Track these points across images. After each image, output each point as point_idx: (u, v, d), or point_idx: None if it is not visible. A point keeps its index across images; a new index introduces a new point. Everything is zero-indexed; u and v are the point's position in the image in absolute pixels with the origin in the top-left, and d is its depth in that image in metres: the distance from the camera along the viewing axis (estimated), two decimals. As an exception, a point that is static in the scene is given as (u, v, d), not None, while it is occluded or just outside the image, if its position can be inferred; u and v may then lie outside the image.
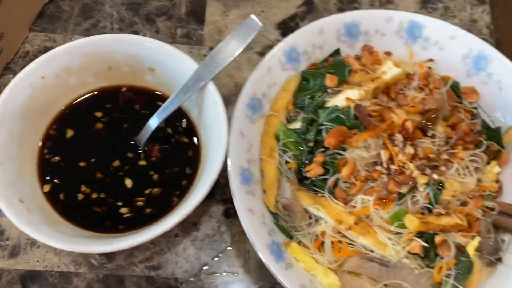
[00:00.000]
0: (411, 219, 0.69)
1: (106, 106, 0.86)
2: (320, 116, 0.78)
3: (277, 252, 0.71)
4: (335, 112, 0.77)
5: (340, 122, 0.77)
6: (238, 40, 0.77)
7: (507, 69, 0.85)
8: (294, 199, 0.76)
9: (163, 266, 0.84)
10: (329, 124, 0.77)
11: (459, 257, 0.71)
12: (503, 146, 0.84)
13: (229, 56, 0.77)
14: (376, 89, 0.80)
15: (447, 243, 0.70)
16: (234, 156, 0.73)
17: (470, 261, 0.71)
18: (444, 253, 0.70)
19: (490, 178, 0.81)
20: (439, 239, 0.70)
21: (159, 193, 0.80)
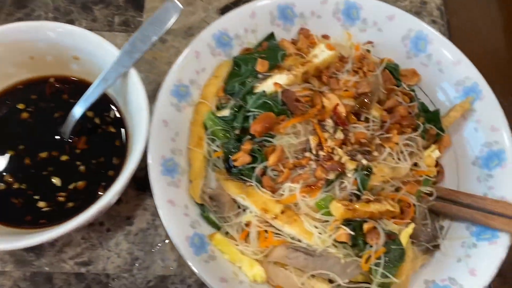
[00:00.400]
0: (336, 206, 0.66)
1: (31, 97, 0.82)
2: (248, 102, 0.75)
3: (199, 245, 0.68)
4: (262, 98, 0.74)
5: (268, 108, 0.73)
6: (157, 24, 0.74)
7: (447, 49, 0.83)
8: (221, 189, 0.73)
9: (94, 262, 0.81)
10: (257, 111, 0.74)
11: (390, 245, 0.68)
12: (443, 130, 0.81)
13: (148, 42, 0.74)
14: (306, 73, 0.77)
15: (376, 231, 0.68)
16: (155, 146, 0.70)
17: (402, 249, 0.68)
18: (373, 240, 0.67)
19: (428, 163, 0.78)
20: (367, 226, 0.67)
21: (84, 186, 0.77)
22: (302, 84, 0.77)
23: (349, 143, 0.73)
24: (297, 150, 0.74)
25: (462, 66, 0.81)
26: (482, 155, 0.78)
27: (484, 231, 0.72)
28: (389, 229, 0.70)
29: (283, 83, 0.75)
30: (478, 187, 0.77)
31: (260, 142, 0.74)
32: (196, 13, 1.03)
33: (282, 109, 0.74)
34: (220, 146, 0.76)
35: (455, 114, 0.82)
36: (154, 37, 0.74)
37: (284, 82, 0.76)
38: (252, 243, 0.70)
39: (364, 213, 0.68)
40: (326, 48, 0.79)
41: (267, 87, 0.76)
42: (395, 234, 0.69)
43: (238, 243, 0.71)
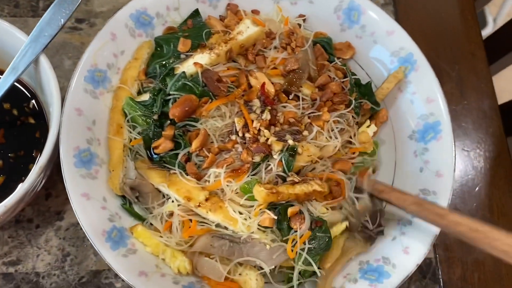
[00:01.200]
0: (258, 189, 0.63)
1: None
2: (168, 84, 0.71)
3: (117, 239, 0.65)
4: (181, 80, 0.70)
5: (188, 90, 0.69)
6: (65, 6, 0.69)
7: (380, 18, 0.79)
8: (142, 179, 0.69)
9: (23, 261, 0.78)
10: (177, 93, 0.69)
11: (316, 232, 0.65)
12: (378, 103, 0.78)
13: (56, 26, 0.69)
14: (230, 51, 0.72)
15: (302, 215, 0.65)
16: (67, 136, 0.66)
17: (329, 237, 0.65)
18: (296, 225, 0.64)
19: (364, 139, 0.75)
20: (291, 210, 0.64)
21: (3, 181, 0.73)
22: (226, 63, 0.73)
23: (278, 124, 0.70)
24: (222, 133, 0.70)
25: (396, 36, 0.78)
26: (418, 129, 0.75)
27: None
28: (317, 216, 0.67)
29: (205, 62, 0.71)
30: (414, 161, 0.74)
31: (183, 127, 0.70)
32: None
33: (204, 90, 0.70)
34: (141, 133, 0.72)
35: (389, 85, 0.79)
36: (62, 20, 0.69)
37: (206, 61, 0.71)
38: (174, 233, 0.67)
39: (288, 196, 0.64)
40: (252, 24, 0.75)
41: (187, 68, 0.72)
42: (323, 221, 0.66)
43: (162, 234, 0.67)
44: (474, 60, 0.99)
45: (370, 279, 0.65)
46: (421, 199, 0.67)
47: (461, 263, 0.83)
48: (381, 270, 0.66)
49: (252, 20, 0.76)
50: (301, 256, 0.63)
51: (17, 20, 0.94)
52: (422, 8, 1.02)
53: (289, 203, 0.66)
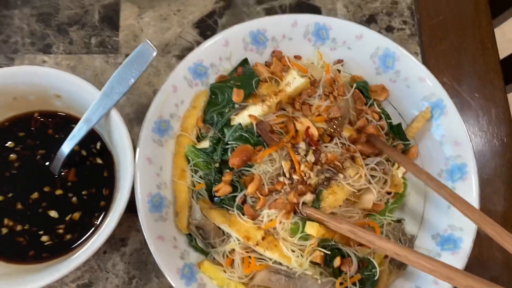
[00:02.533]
0: (311, 224, 0.73)
1: (19, 135, 0.86)
2: (226, 134, 0.79)
3: (189, 275, 0.75)
4: (238, 131, 0.78)
5: (245, 140, 0.78)
6: (134, 66, 0.77)
7: (413, 66, 0.86)
8: (205, 219, 0.79)
9: (94, 283, 0.88)
10: (234, 143, 0.78)
11: (364, 271, 0.75)
12: (408, 142, 0.86)
13: (126, 84, 0.77)
14: (279, 102, 0.81)
15: (349, 258, 0.74)
16: (141, 185, 0.75)
17: (375, 275, 0.75)
18: (346, 268, 0.74)
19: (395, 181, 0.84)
20: (338, 260, 0.74)
21: (79, 217, 0.82)
22: (276, 112, 0.81)
23: (320, 164, 0.79)
24: (272, 176, 0.79)
25: (428, 83, 0.85)
26: (446, 168, 0.84)
27: (448, 241, 0.80)
28: (362, 255, 0.76)
29: (258, 114, 0.80)
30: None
31: (239, 172, 0.79)
32: (171, 29, 1.05)
33: (258, 140, 0.78)
34: (203, 177, 0.81)
35: (418, 125, 0.87)
36: (132, 80, 0.77)
37: (259, 113, 0.80)
38: (237, 269, 0.77)
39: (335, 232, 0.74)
40: (298, 75, 0.83)
41: (243, 119, 0.80)
42: (368, 260, 0.76)
43: (225, 269, 0.78)
44: (493, 89, 1.07)
45: (405, 306, 0.76)
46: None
47: (478, 280, 0.94)
48: (415, 299, 0.76)
49: (297, 70, 0.83)
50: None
51: (72, 57, 1.01)
52: (446, 39, 1.09)
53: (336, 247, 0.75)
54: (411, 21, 1.10)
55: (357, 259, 0.74)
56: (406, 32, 1.09)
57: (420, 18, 1.10)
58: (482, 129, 1.04)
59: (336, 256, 0.75)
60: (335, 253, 0.75)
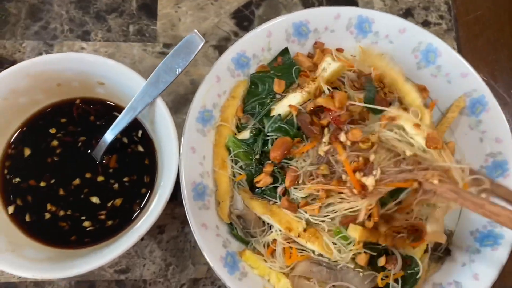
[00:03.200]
0: (354, 228, 0.73)
1: (60, 121, 0.87)
2: (265, 125, 0.80)
3: (231, 264, 0.76)
4: (278, 122, 0.78)
5: (284, 132, 0.78)
6: (181, 56, 0.77)
7: (455, 62, 0.86)
8: (246, 209, 0.80)
9: (131, 269, 0.89)
10: (274, 134, 0.78)
11: (407, 269, 0.76)
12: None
13: (173, 74, 0.77)
14: (318, 88, 0.80)
15: (394, 256, 0.75)
16: (186, 174, 0.76)
17: (418, 272, 0.75)
18: (391, 266, 0.74)
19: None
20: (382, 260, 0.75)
21: (121, 203, 0.83)
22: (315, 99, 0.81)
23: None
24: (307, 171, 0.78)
25: (469, 79, 0.85)
26: (487, 165, 0.84)
27: (487, 237, 0.80)
28: (405, 254, 0.77)
29: (298, 101, 0.79)
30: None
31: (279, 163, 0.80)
32: (209, 18, 1.05)
33: (297, 132, 0.78)
34: (243, 168, 0.82)
35: (453, 115, 0.87)
36: (179, 70, 0.77)
37: (299, 101, 0.80)
38: (278, 259, 0.77)
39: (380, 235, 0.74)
40: (332, 61, 0.82)
41: (282, 108, 0.80)
42: (412, 258, 0.76)
43: (265, 258, 0.78)
44: (530, 86, 1.07)
45: (445, 300, 0.77)
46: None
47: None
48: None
49: (331, 57, 0.83)
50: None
51: (110, 44, 1.02)
52: (482, 35, 1.09)
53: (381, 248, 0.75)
54: (447, 16, 1.10)
55: (400, 257, 0.75)
56: (442, 27, 1.09)
57: (457, 13, 1.10)
58: (518, 127, 1.04)
59: (381, 256, 0.75)
60: (381, 252, 0.75)
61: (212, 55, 1.02)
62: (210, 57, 1.02)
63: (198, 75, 1.00)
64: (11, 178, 0.83)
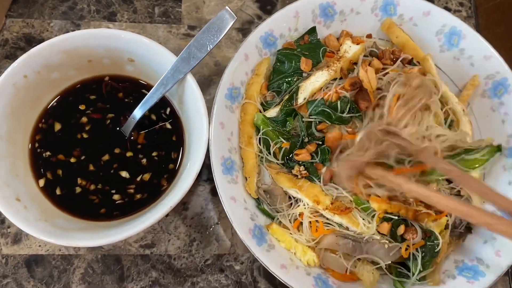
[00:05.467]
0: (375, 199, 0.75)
1: (90, 98, 0.88)
2: (308, 108, 0.81)
3: (259, 236, 0.77)
4: (321, 106, 0.80)
5: (326, 116, 0.79)
6: (213, 32, 0.79)
7: (479, 45, 0.88)
8: (274, 184, 0.81)
9: (157, 244, 0.91)
10: (316, 117, 0.80)
11: (427, 241, 0.77)
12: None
13: (204, 50, 0.79)
14: (341, 68, 0.82)
15: (413, 228, 0.77)
16: (215, 148, 0.78)
17: (438, 245, 0.77)
18: (409, 236, 0.76)
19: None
20: (401, 228, 0.77)
21: (149, 178, 0.85)
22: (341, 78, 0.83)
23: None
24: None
25: (492, 61, 0.87)
26: (509, 146, 0.85)
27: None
28: (426, 228, 0.79)
29: (325, 79, 0.82)
30: (503, 175, 0.85)
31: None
32: (232, 2, 1.07)
33: (339, 117, 0.79)
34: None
35: (468, 92, 0.89)
36: (210, 46, 0.79)
37: (326, 78, 0.82)
38: (305, 232, 0.79)
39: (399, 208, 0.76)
40: (352, 43, 0.85)
41: (310, 86, 0.82)
42: (432, 231, 0.78)
43: (292, 232, 0.80)
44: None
45: (467, 276, 0.78)
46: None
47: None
48: (477, 269, 0.78)
49: (350, 40, 0.86)
50: (416, 263, 0.76)
51: (136, 26, 1.03)
52: (502, 22, 1.10)
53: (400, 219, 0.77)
54: (467, 3, 1.11)
55: (421, 230, 0.77)
56: (462, 14, 1.10)
57: (477, 0, 1.11)
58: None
59: (401, 225, 0.77)
60: (400, 222, 0.77)
61: (236, 37, 1.04)
62: (233, 40, 1.04)
63: (222, 57, 1.02)
64: (42, 152, 0.85)
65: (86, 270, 0.89)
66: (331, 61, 0.85)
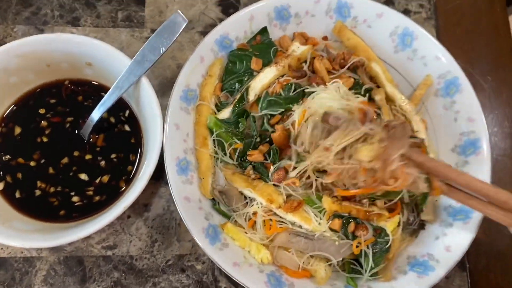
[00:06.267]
0: (325, 199, 0.77)
1: (50, 102, 0.90)
2: (258, 105, 0.83)
3: (213, 235, 0.79)
4: (267, 97, 0.82)
5: (277, 104, 0.81)
6: (165, 36, 0.80)
7: (431, 45, 0.90)
8: (228, 185, 0.83)
9: (118, 245, 0.92)
10: (268, 111, 0.82)
11: (377, 238, 0.79)
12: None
13: (157, 53, 0.80)
14: (289, 65, 0.85)
15: (364, 225, 0.78)
16: (170, 149, 0.79)
17: (388, 241, 0.79)
18: (360, 233, 0.78)
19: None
20: (352, 225, 0.78)
21: (108, 180, 0.86)
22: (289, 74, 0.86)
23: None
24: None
25: (444, 61, 0.89)
26: (460, 144, 0.87)
27: (459, 212, 0.83)
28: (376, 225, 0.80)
29: (274, 74, 0.84)
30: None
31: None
32: (195, 5, 1.08)
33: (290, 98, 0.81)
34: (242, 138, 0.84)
35: (421, 92, 0.91)
36: (163, 49, 0.81)
37: (274, 74, 0.84)
38: (258, 230, 0.81)
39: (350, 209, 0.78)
40: (300, 44, 0.88)
41: (259, 82, 0.84)
42: (382, 228, 0.80)
43: (246, 230, 0.82)
44: (505, 73, 1.10)
45: (418, 271, 0.80)
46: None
47: (486, 254, 0.97)
48: (427, 264, 0.80)
49: (298, 42, 0.88)
50: (368, 259, 0.77)
51: (99, 30, 1.05)
52: (461, 24, 1.12)
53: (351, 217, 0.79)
54: (427, 5, 1.13)
55: (372, 227, 0.78)
56: (422, 16, 1.12)
57: (437, 2, 1.14)
58: (494, 111, 1.07)
59: (350, 222, 0.78)
60: (350, 220, 0.79)
61: (198, 40, 1.05)
62: (196, 43, 1.05)
63: (184, 60, 1.02)
64: (1, 155, 0.86)
65: (48, 272, 0.90)
66: (279, 58, 0.87)
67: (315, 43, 0.89)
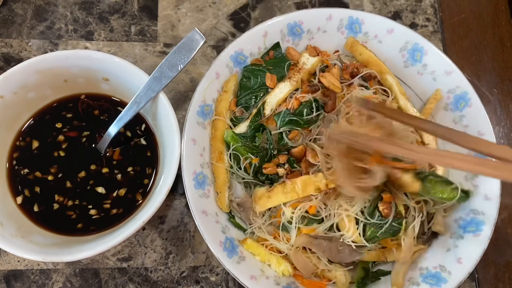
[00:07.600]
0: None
1: (66, 116, 0.91)
2: (276, 121, 0.85)
3: (230, 248, 0.80)
4: (287, 116, 0.83)
5: (295, 123, 0.83)
6: (183, 53, 0.82)
7: (440, 60, 0.92)
8: (246, 197, 0.84)
9: (133, 257, 0.94)
10: (286, 127, 0.83)
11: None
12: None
13: (175, 69, 0.82)
14: (302, 79, 0.87)
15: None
16: (187, 163, 0.81)
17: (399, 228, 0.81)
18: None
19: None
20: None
21: (125, 193, 0.88)
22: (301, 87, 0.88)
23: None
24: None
25: (453, 76, 0.91)
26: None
27: (470, 224, 0.85)
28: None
29: (288, 90, 0.86)
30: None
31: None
32: (207, 20, 1.10)
33: (307, 120, 0.83)
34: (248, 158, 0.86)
35: (431, 106, 0.93)
36: (181, 65, 0.82)
37: (289, 89, 0.86)
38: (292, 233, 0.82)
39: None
40: (309, 56, 0.90)
41: (274, 98, 0.86)
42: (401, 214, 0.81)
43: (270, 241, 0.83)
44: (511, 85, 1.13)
45: (430, 283, 0.81)
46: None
47: (494, 264, 0.99)
48: (439, 276, 0.82)
49: (308, 53, 0.90)
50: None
51: (113, 44, 1.06)
52: (467, 37, 1.15)
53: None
54: (434, 18, 1.16)
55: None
56: (429, 29, 1.15)
57: (443, 16, 1.16)
58: (500, 123, 1.10)
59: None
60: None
61: (211, 54, 1.07)
62: (208, 57, 1.07)
63: (197, 74, 1.05)
64: (20, 169, 0.87)
65: (64, 284, 0.91)
66: (292, 73, 0.89)
67: (327, 56, 0.91)
